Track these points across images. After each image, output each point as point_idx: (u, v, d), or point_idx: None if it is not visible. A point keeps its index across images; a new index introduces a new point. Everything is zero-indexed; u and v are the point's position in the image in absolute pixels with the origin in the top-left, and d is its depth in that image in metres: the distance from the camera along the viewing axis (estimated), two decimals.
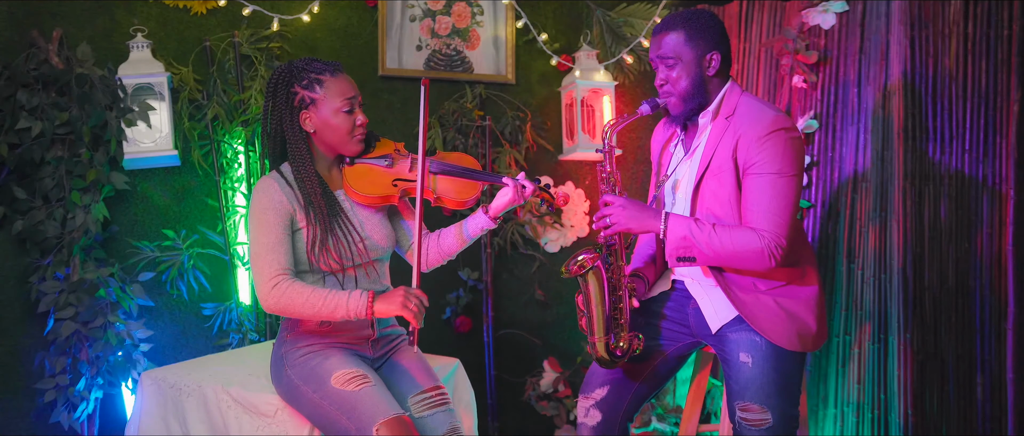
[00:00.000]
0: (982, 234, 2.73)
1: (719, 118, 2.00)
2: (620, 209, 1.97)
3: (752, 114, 1.95)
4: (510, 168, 3.24)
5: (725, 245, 1.89)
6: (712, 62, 1.99)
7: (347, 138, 2.02)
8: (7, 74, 2.50)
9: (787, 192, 1.89)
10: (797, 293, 1.98)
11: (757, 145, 1.89)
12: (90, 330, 2.54)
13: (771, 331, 1.94)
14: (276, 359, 2.05)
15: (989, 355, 2.73)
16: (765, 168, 1.89)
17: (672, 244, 1.93)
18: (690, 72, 1.98)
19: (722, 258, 1.91)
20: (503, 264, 3.32)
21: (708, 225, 1.91)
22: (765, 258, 1.88)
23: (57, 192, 2.55)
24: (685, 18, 1.99)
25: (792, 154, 1.90)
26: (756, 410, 1.94)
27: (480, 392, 3.17)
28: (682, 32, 1.98)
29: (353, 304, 1.88)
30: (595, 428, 2.11)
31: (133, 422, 2.26)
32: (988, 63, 2.71)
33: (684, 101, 2.00)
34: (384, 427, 1.83)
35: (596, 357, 2.01)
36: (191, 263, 2.80)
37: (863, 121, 2.87)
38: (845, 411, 2.87)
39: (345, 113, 2.00)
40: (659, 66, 2.02)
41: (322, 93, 1.99)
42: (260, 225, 1.94)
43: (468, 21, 3.28)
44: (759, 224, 1.89)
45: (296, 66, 2.02)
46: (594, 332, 1.99)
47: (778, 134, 1.90)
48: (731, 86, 2.03)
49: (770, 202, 1.89)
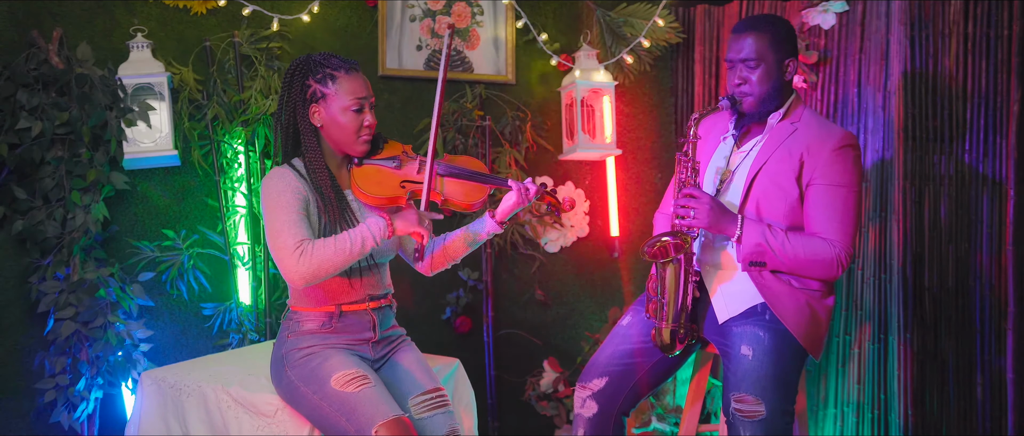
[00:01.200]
0: (982, 234, 2.73)
1: (785, 121, 2.08)
2: (706, 206, 2.01)
3: (822, 128, 2.06)
4: (510, 168, 3.25)
5: (797, 253, 1.98)
6: (789, 67, 2.08)
7: (353, 137, 2.02)
8: (7, 74, 2.50)
9: (855, 205, 2.02)
10: (823, 300, 2.06)
11: (829, 158, 2.00)
12: (90, 330, 2.55)
13: (790, 319, 2.00)
14: (276, 359, 2.04)
15: (989, 355, 2.73)
16: (835, 180, 2.00)
17: (747, 249, 2.00)
18: (771, 75, 2.06)
19: (793, 265, 1.99)
20: (503, 264, 3.32)
21: (781, 232, 2.00)
22: (834, 267, 1.98)
23: (57, 192, 2.55)
24: (769, 22, 2.07)
25: (858, 170, 2.03)
26: (750, 401, 1.96)
27: (480, 392, 3.17)
28: (767, 35, 2.05)
29: (375, 229, 1.90)
30: (591, 419, 2.13)
31: (133, 422, 2.26)
32: (988, 63, 2.71)
33: (761, 102, 2.08)
34: (383, 428, 1.83)
35: (660, 343, 2.07)
36: (191, 263, 2.80)
37: (863, 121, 2.87)
38: (845, 411, 2.87)
39: (353, 112, 2.00)
40: (738, 66, 2.07)
41: (333, 89, 1.99)
42: (277, 205, 1.91)
43: (468, 21, 3.28)
44: (829, 234, 1.99)
45: (314, 59, 2.02)
46: (665, 318, 2.05)
47: (848, 150, 2.02)
48: (797, 95, 2.13)
49: (841, 213, 1.99)
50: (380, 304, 2.09)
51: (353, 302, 2.03)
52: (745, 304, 2.05)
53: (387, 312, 2.13)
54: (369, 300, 2.06)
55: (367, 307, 2.05)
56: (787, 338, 2.00)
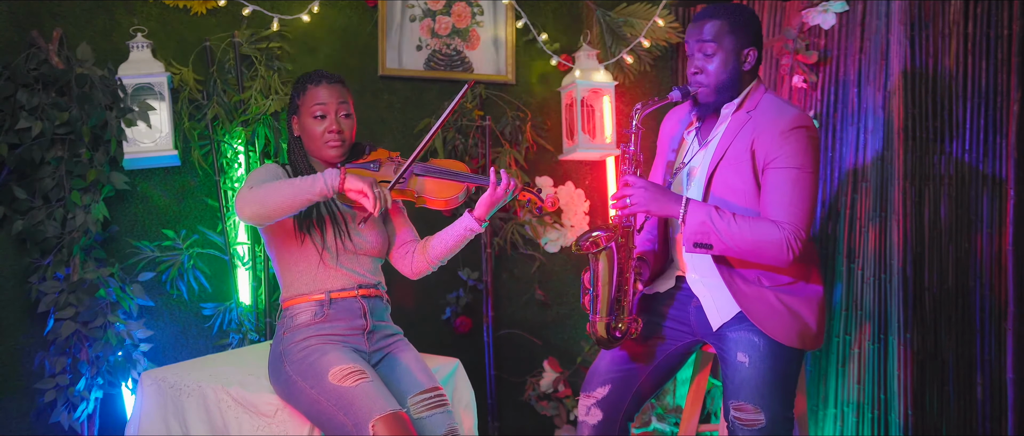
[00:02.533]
0: (982, 234, 2.73)
1: (740, 112, 2.02)
2: (642, 190, 1.98)
3: (774, 110, 1.98)
4: (510, 168, 3.24)
5: (744, 234, 1.90)
6: (748, 57, 2.02)
7: (319, 142, 2.13)
8: (7, 74, 2.50)
9: (807, 187, 1.93)
10: (801, 291, 1.99)
11: (779, 140, 1.93)
12: (90, 330, 2.55)
13: (770, 327, 1.94)
14: (274, 356, 2.06)
15: (989, 355, 2.72)
16: (786, 163, 1.92)
17: (691, 228, 1.94)
18: (728, 63, 2.00)
19: (740, 247, 1.91)
20: (503, 264, 3.32)
21: (728, 213, 1.92)
22: (784, 250, 1.89)
23: (57, 192, 2.55)
24: (730, 11, 2.01)
25: (812, 151, 1.95)
26: (750, 410, 1.95)
27: (480, 392, 3.17)
28: (726, 22, 1.99)
29: (329, 175, 1.91)
30: (596, 427, 2.11)
31: (133, 422, 2.26)
32: (988, 63, 2.71)
33: (717, 92, 2.02)
34: (381, 423, 1.83)
35: (595, 337, 2.03)
36: (191, 263, 2.80)
37: (863, 121, 2.87)
38: (845, 411, 2.87)
39: (316, 118, 2.12)
40: (696, 53, 2.02)
41: (302, 100, 2.15)
42: (259, 174, 2.07)
43: (468, 21, 3.28)
44: (779, 216, 1.91)
45: (301, 76, 2.19)
46: (597, 311, 2.01)
47: (800, 131, 1.94)
48: (757, 83, 2.06)
49: (791, 195, 1.92)
50: (370, 293, 2.13)
51: (342, 290, 2.08)
52: (732, 311, 2.01)
53: (379, 304, 2.16)
54: (358, 288, 2.10)
55: (357, 294, 2.09)
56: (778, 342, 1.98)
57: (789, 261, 1.91)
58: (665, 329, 2.13)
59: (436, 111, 3.22)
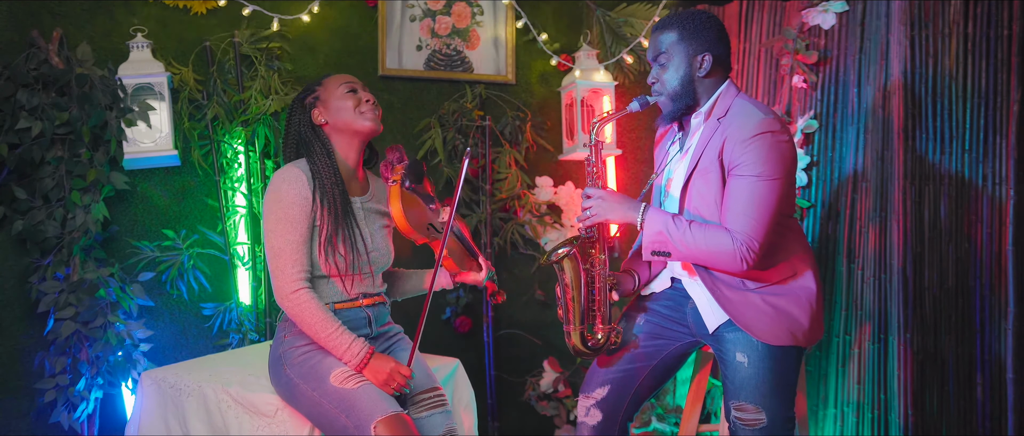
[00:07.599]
0: (982, 234, 2.73)
1: (711, 118, 2.00)
2: (599, 200, 2.02)
3: (742, 116, 1.94)
4: (510, 168, 3.24)
5: (698, 244, 1.90)
6: (703, 63, 1.99)
7: (354, 114, 2.08)
8: (7, 74, 2.50)
9: (766, 195, 1.88)
10: (788, 290, 1.97)
11: (741, 147, 1.89)
12: (90, 330, 2.55)
13: (759, 330, 1.94)
14: (274, 358, 2.05)
15: (989, 355, 2.72)
16: (747, 171, 1.89)
17: (648, 237, 1.96)
18: (679, 72, 2.00)
19: (696, 255, 1.92)
20: (503, 264, 3.32)
21: (685, 222, 1.93)
22: (736, 260, 1.88)
23: (57, 192, 2.55)
24: (680, 19, 2.01)
25: (776, 157, 1.88)
26: (751, 410, 1.95)
27: (480, 392, 3.17)
28: (675, 32, 2.00)
29: (351, 354, 1.93)
30: (595, 427, 2.11)
31: (133, 422, 2.26)
32: (988, 63, 2.71)
33: (672, 100, 2.03)
34: (382, 425, 1.83)
35: (570, 346, 2.05)
36: (191, 263, 2.80)
37: (863, 121, 2.87)
38: (845, 411, 2.87)
39: (347, 92, 2.09)
40: (653, 64, 2.06)
41: (323, 88, 2.12)
42: (287, 219, 1.95)
43: (468, 21, 3.28)
44: (734, 226, 1.89)
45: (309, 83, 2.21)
46: (570, 322, 2.03)
47: (763, 137, 1.88)
48: (727, 87, 2.03)
49: (746, 204, 1.88)
50: (375, 301, 2.13)
51: (348, 301, 2.07)
52: (725, 315, 2.00)
53: (381, 309, 2.16)
54: (363, 297, 2.10)
55: (362, 305, 2.09)
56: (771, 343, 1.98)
57: (743, 271, 1.91)
58: (664, 330, 2.14)
59: (436, 111, 3.22)
